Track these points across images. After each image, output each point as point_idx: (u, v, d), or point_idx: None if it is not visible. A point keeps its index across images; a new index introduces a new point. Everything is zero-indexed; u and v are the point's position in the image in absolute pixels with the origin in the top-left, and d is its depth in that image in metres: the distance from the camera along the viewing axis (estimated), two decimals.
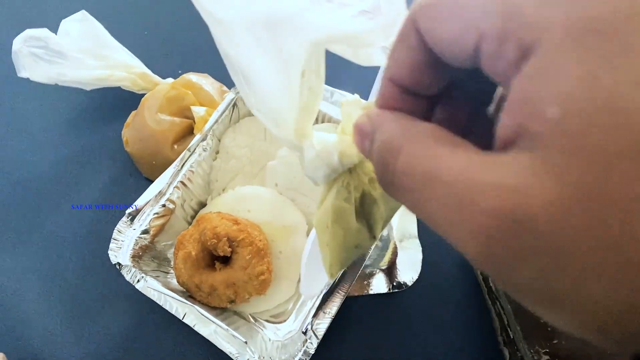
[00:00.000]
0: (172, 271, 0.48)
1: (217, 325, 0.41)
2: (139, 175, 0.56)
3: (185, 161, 0.48)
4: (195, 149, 0.48)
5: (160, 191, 0.46)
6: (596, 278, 0.12)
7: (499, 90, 0.20)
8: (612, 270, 0.12)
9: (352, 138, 0.23)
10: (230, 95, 0.50)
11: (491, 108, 0.21)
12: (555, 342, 0.43)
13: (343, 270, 0.29)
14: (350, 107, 0.25)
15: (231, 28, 0.24)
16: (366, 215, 0.27)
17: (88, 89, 0.56)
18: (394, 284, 0.50)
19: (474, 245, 0.14)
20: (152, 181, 0.54)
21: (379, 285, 0.49)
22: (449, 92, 0.21)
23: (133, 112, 0.55)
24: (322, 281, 0.47)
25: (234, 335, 0.41)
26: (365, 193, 0.26)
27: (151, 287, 0.42)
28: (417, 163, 0.16)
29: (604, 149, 0.12)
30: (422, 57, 0.18)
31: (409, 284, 0.50)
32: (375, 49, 0.27)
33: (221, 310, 0.46)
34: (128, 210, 0.45)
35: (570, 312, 0.14)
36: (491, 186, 0.14)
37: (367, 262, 0.45)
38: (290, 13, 0.22)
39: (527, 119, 0.13)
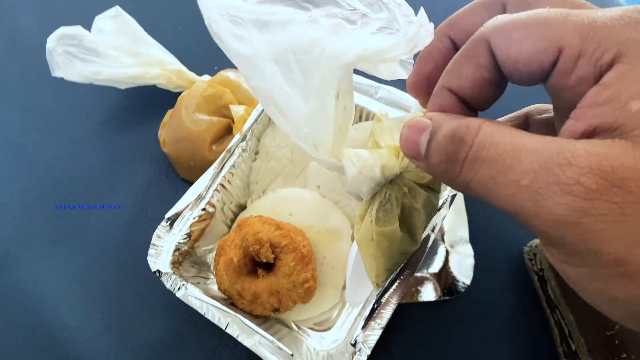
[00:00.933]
0: (212, 277, 0.47)
1: (262, 336, 0.39)
2: (176, 176, 0.54)
3: (225, 163, 0.46)
4: (234, 149, 0.46)
5: (199, 194, 0.45)
6: None
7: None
8: None
9: (391, 150, 0.25)
10: None
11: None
12: (624, 355, 0.40)
13: (389, 279, 0.30)
14: (385, 122, 0.26)
15: (258, 63, 0.25)
16: (407, 222, 0.28)
17: (123, 87, 0.54)
18: (445, 291, 0.47)
19: (565, 201, 0.15)
20: (189, 182, 0.53)
21: (428, 292, 0.47)
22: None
23: (169, 111, 0.53)
24: (368, 288, 0.45)
25: (279, 347, 0.39)
26: (404, 203, 0.27)
27: (192, 295, 0.41)
28: (497, 137, 0.17)
29: None
30: (488, 75, 0.20)
31: (461, 290, 0.47)
32: (395, 63, 0.29)
33: (264, 318, 0.45)
34: (167, 215, 0.44)
35: None
36: (587, 152, 0.15)
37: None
38: (317, 40, 0.24)
39: (609, 116, 0.16)
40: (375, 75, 0.29)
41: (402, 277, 0.40)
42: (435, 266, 0.48)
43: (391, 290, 0.40)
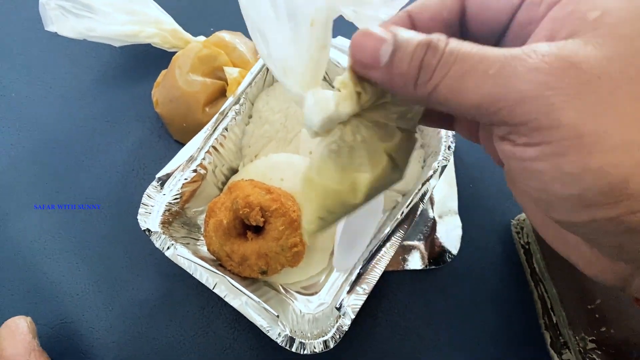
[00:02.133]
0: (202, 238, 0.47)
1: (248, 297, 0.40)
2: (168, 137, 0.54)
3: (218, 125, 0.46)
4: (227, 112, 0.46)
5: (191, 156, 0.44)
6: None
7: None
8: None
9: (351, 92, 0.23)
10: None
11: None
12: (603, 329, 0.40)
13: (321, 229, 0.28)
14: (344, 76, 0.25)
15: None
16: (355, 166, 0.26)
17: (117, 45, 0.53)
18: (431, 260, 0.47)
19: (530, 78, 0.17)
20: (182, 144, 0.53)
21: (414, 261, 0.47)
22: None
23: (163, 71, 0.53)
24: (356, 255, 0.45)
25: (265, 309, 0.39)
26: (359, 145, 0.25)
27: (181, 255, 0.41)
28: (466, 45, 0.19)
29: (630, 32, 0.17)
30: (447, 15, 0.23)
31: (447, 261, 0.47)
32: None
33: (252, 280, 0.45)
34: (158, 175, 0.44)
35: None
36: (549, 45, 0.18)
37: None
38: None
39: (568, 25, 0.18)
40: (353, 21, 0.28)
41: (388, 244, 0.41)
42: (423, 235, 0.48)
43: (378, 256, 0.41)
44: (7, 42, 0.60)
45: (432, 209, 0.49)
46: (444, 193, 0.50)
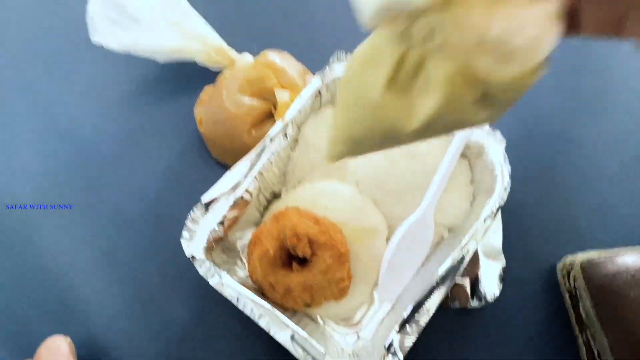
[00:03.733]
0: (239, 263, 0.46)
1: (295, 331, 0.39)
2: (208, 155, 0.53)
3: (265, 149, 0.45)
4: (275, 137, 0.45)
5: (238, 180, 0.43)
6: None
7: None
8: None
9: None
10: (315, 81, 0.46)
11: None
12: None
13: (346, 156, 0.22)
14: None
15: None
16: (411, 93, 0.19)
17: (161, 60, 0.52)
18: (474, 299, 0.46)
19: None
20: (221, 163, 0.52)
21: (458, 299, 0.46)
22: None
23: (206, 88, 0.52)
24: (400, 286, 0.45)
25: (312, 345, 0.38)
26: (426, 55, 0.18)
27: (227, 284, 0.40)
28: None
29: None
30: None
31: (490, 301, 0.46)
32: None
33: (293, 311, 0.44)
34: (204, 199, 0.43)
35: None
36: None
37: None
38: None
39: None
40: None
41: (444, 285, 0.40)
42: (467, 273, 0.47)
43: (432, 296, 0.40)
44: (50, 50, 0.59)
45: (478, 246, 0.48)
46: (489, 231, 0.49)
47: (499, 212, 0.49)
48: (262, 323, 0.39)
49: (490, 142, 0.44)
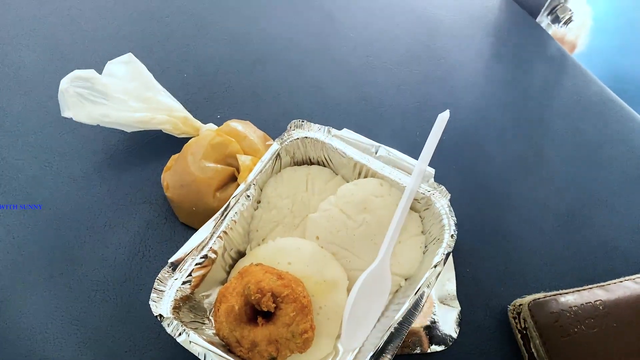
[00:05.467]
0: (207, 322, 0.48)
1: None
2: (174, 219, 0.55)
3: (229, 210, 0.47)
4: (239, 198, 0.48)
5: (203, 240, 0.46)
6: None
7: None
8: None
9: None
10: (274, 146, 0.50)
11: None
12: None
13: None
14: None
15: None
16: None
17: (129, 130, 0.56)
18: (432, 344, 0.49)
19: None
20: (188, 226, 0.54)
21: (417, 344, 0.49)
22: None
23: (174, 156, 0.55)
24: (362, 335, 0.46)
25: None
26: None
27: (194, 341, 0.41)
28: None
29: None
30: None
31: (448, 344, 0.49)
32: None
33: None
34: (171, 260, 0.45)
35: None
36: None
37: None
38: None
39: None
40: None
41: (399, 331, 0.42)
42: (425, 319, 0.50)
43: (390, 345, 0.42)
44: (22, 123, 0.62)
45: (432, 292, 0.51)
46: (442, 277, 0.52)
47: (449, 258, 0.52)
48: None
49: (437, 195, 0.48)
